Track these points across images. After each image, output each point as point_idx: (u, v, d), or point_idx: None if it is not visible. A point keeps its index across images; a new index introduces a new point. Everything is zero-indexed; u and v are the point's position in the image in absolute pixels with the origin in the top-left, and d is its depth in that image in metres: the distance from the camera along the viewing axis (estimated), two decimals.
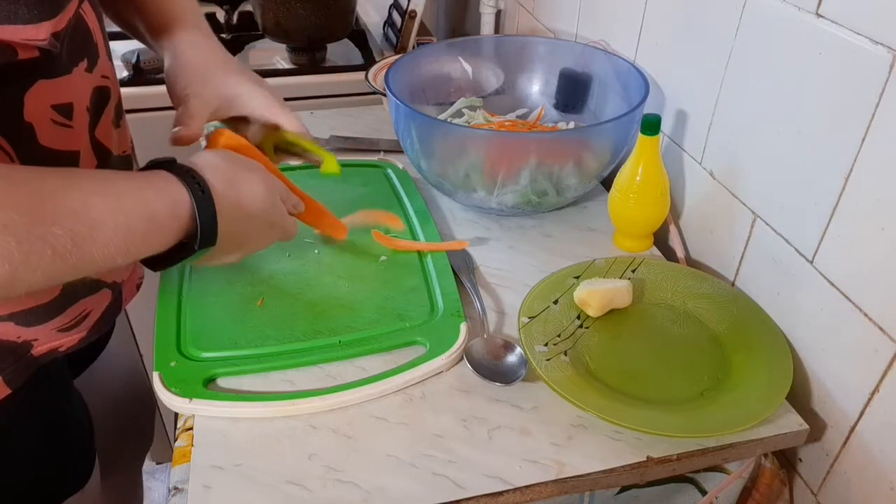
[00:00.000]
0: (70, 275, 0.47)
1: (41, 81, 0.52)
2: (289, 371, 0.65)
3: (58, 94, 0.54)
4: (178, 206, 0.52)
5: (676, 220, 0.86)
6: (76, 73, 0.55)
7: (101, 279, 0.65)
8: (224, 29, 1.47)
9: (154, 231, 0.51)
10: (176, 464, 0.58)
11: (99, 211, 0.46)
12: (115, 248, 0.48)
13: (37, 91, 0.52)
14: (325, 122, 1.11)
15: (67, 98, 0.55)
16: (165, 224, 0.51)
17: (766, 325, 0.68)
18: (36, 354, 0.61)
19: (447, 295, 0.72)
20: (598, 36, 0.99)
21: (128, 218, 0.48)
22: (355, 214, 0.82)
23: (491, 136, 0.84)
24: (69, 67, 0.55)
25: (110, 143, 0.62)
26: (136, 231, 0.49)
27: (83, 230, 0.45)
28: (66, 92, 0.55)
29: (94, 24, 0.59)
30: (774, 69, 0.65)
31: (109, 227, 0.47)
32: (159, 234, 0.51)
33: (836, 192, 0.59)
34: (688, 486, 0.65)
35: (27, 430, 0.66)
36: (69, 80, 0.55)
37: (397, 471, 0.57)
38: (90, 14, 0.58)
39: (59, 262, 0.45)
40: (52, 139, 0.54)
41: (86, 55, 0.57)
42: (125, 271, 0.70)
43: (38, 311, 0.59)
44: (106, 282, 0.66)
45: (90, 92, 0.58)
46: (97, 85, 0.59)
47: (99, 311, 0.66)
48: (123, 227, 0.48)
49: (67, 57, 0.54)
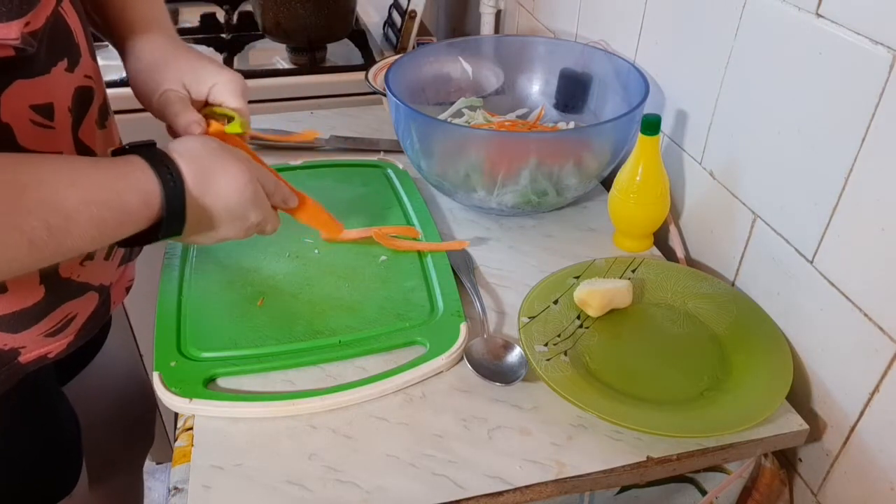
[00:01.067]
0: (44, 263, 0.49)
1: (18, 81, 0.51)
2: (289, 371, 0.65)
3: (36, 94, 0.53)
4: (149, 196, 0.52)
5: (676, 220, 0.86)
6: (55, 72, 0.55)
7: (87, 282, 0.64)
8: (224, 29, 1.47)
9: (126, 222, 0.52)
10: (176, 464, 0.58)
11: (73, 203, 0.47)
12: (89, 238, 0.49)
13: (14, 91, 0.51)
14: (325, 122, 1.11)
15: (47, 98, 0.54)
16: (137, 213, 0.52)
17: (766, 325, 0.68)
18: (24, 362, 0.61)
19: (447, 295, 0.72)
20: (598, 36, 0.99)
21: (101, 209, 0.49)
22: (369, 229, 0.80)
23: (491, 136, 0.84)
24: (48, 67, 0.54)
25: (95, 144, 0.61)
26: (108, 222, 0.50)
27: (59, 222, 0.46)
28: (46, 92, 0.54)
29: (76, 24, 0.58)
30: (774, 69, 0.65)
31: (84, 218, 0.48)
32: (130, 223, 0.52)
33: (836, 192, 0.59)
34: (688, 486, 0.65)
35: (12, 436, 0.65)
36: (48, 79, 0.54)
37: (397, 471, 0.57)
38: (71, 13, 0.57)
39: (35, 252, 0.46)
40: (32, 140, 0.53)
41: (66, 55, 0.56)
42: (113, 274, 0.69)
43: (21, 315, 0.58)
44: (92, 285, 0.65)
45: (72, 92, 0.57)
46: (79, 85, 0.58)
47: (85, 315, 0.65)
48: (97, 219, 0.49)
49: (46, 56, 0.53)
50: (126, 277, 0.73)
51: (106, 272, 0.67)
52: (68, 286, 0.62)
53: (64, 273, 0.61)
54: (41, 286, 0.58)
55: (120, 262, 0.70)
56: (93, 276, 0.65)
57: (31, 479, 0.68)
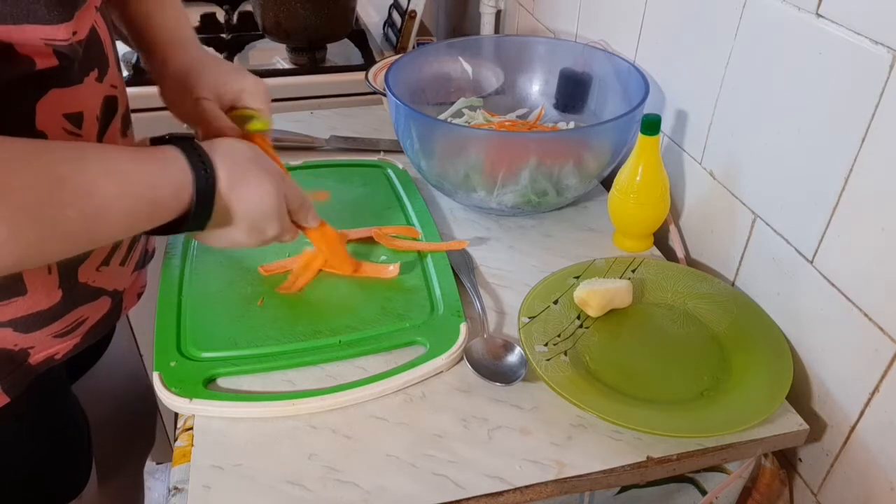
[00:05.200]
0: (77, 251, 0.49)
1: (54, 90, 0.52)
2: (289, 371, 0.65)
3: (70, 104, 0.54)
4: (181, 189, 0.52)
5: (676, 220, 0.86)
6: (87, 82, 0.56)
7: (102, 287, 0.65)
8: (224, 29, 1.47)
9: (156, 214, 0.52)
10: (176, 464, 0.58)
11: (109, 194, 0.47)
12: (121, 228, 0.50)
13: (50, 100, 0.52)
14: (325, 122, 1.11)
15: (79, 107, 0.55)
16: (167, 205, 0.52)
17: (766, 325, 0.68)
18: (33, 363, 0.61)
19: (447, 295, 0.72)
20: (598, 36, 0.99)
21: (135, 201, 0.49)
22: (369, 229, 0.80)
23: (491, 136, 0.84)
24: (81, 77, 0.55)
25: None
26: (141, 213, 0.50)
27: (93, 212, 0.47)
28: (78, 101, 0.55)
29: (105, 34, 0.59)
30: (774, 69, 0.65)
31: (118, 209, 0.48)
32: (159, 216, 0.52)
33: (836, 192, 0.59)
34: (688, 486, 0.65)
35: (25, 438, 0.65)
36: (81, 89, 0.55)
37: (397, 471, 0.57)
38: (101, 24, 0.59)
39: (69, 243, 0.47)
40: None
41: (97, 65, 0.57)
42: (127, 280, 0.69)
43: (36, 317, 0.59)
44: (107, 290, 0.65)
45: (100, 101, 0.58)
46: (107, 94, 0.59)
47: (95, 318, 0.66)
48: (131, 209, 0.49)
49: (80, 66, 0.55)
50: (139, 283, 0.73)
51: (121, 278, 0.67)
52: (84, 290, 0.62)
53: (82, 278, 0.61)
54: (59, 289, 0.59)
55: (134, 268, 0.70)
56: (108, 282, 0.65)
57: (41, 479, 0.68)
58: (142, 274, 0.74)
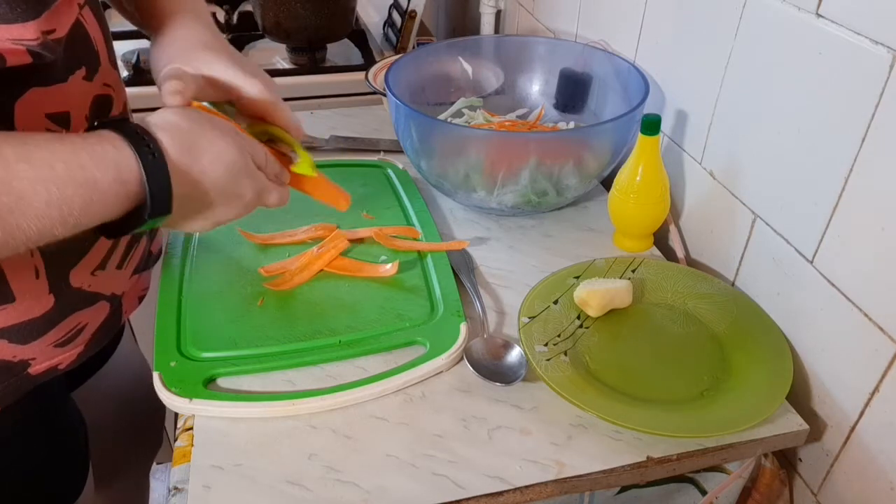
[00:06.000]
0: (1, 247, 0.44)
1: (34, 89, 0.50)
2: (289, 371, 0.65)
3: (53, 103, 0.52)
4: (122, 170, 0.47)
5: (676, 220, 0.86)
6: (73, 81, 0.54)
7: (99, 292, 0.63)
8: (224, 29, 1.47)
9: (95, 200, 0.46)
10: (176, 464, 0.58)
11: (26, 180, 0.42)
12: (50, 219, 0.44)
13: (29, 99, 0.50)
14: (325, 122, 1.11)
15: (63, 107, 0.53)
16: (109, 191, 0.46)
17: (766, 325, 0.68)
18: (34, 373, 0.60)
19: (447, 295, 0.72)
20: (598, 36, 0.99)
21: (61, 187, 0.44)
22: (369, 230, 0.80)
23: (491, 136, 0.84)
24: (65, 75, 0.53)
25: None
26: (73, 201, 0.45)
27: (9, 201, 0.42)
28: (62, 100, 0.53)
29: (96, 32, 0.57)
30: (774, 69, 0.65)
31: (40, 198, 0.43)
32: (101, 203, 0.46)
33: (836, 192, 0.59)
34: (688, 486, 0.65)
35: (20, 442, 0.64)
36: (65, 88, 0.53)
37: (397, 471, 0.57)
38: (91, 21, 0.57)
39: None
40: None
41: (84, 63, 0.55)
42: (126, 283, 0.67)
43: (29, 325, 0.57)
44: (104, 294, 0.64)
45: (90, 101, 0.56)
46: (98, 93, 0.57)
47: (95, 325, 0.64)
48: (57, 197, 0.44)
49: (63, 64, 0.53)
50: (139, 287, 0.71)
51: (118, 282, 0.66)
52: (79, 295, 0.61)
53: (75, 282, 0.59)
54: (50, 295, 0.57)
55: (133, 271, 0.68)
56: (104, 286, 0.63)
57: (38, 484, 0.67)
58: (143, 277, 0.72)
